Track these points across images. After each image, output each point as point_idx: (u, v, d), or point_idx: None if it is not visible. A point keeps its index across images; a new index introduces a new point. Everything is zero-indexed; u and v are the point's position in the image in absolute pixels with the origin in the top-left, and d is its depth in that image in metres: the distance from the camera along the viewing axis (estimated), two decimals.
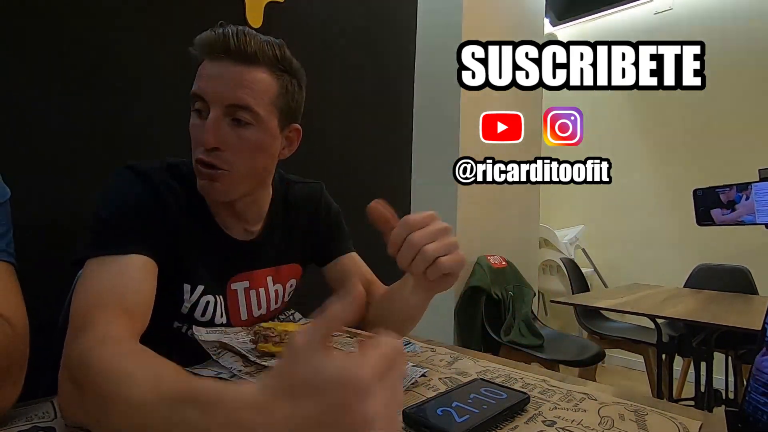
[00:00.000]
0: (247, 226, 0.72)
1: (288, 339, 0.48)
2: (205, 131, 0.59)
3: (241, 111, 0.60)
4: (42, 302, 0.56)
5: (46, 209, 0.90)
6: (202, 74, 0.61)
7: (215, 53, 0.59)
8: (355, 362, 0.26)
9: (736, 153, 2.70)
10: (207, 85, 0.59)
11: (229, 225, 0.70)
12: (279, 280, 0.77)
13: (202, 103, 0.60)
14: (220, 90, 0.59)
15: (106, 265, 0.53)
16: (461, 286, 2.16)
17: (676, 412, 0.49)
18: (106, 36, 1.01)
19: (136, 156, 0.70)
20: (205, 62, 0.61)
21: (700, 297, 1.90)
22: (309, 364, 0.26)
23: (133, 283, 0.53)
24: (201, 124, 0.60)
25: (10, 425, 0.41)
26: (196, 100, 0.61)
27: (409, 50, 2.06)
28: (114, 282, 0.52)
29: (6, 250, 0.47)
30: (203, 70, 0.61)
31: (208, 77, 0.60)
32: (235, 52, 0.59)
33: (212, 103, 0.59)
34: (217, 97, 0.59)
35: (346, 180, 1.62)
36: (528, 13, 2.67)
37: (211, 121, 0.59)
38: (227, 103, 0.59)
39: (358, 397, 0.25)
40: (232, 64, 0.59)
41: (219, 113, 0.59)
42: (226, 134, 0.60)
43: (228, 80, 0.59)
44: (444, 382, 0.56)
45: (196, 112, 0.62)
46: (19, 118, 0.89)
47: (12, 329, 0.42)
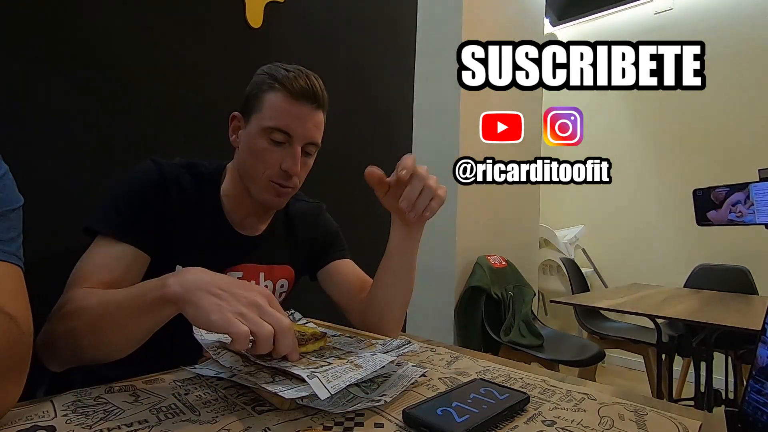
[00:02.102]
0: (256, 224, 0.81)
1: None
2: (294, 162, 0.72)
3: (312, 146, 0.75)
4: (42, 303, 0.57)
5: (48, 211, 0.90)
6: (288, 113, 0.71)
7: (301, 95, 0.71)
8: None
9: (736, 153, 2.71)
10: (295, 125, 0.71)
11: (237, 221, 0.78)
12: (270, 278, 0.82)
13: (285, 136, 0.71)
14: (304, 131, 0.72)
15: (106, 247, 0.65)
16: (461, 286, 2.16)
17: (676, 412, 0.49)
18: (106, 36, 1.01)
19: (138, 158, 0.72)
20: (283, 98, 0.70)
21: (699, 297, 1.90)
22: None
23: (122, 268, 0.65)
24: (278, 151, 0.72)
25: (10, 425, 0.41)
26: (277, 132, 0.71)
27: (409, 50, 2.06)
28: (106, 262, 0.64)
29: (16, 254, 0.49)
30: (289, 110, 0.71)
31: (295, 118, 0.71)
32: (318, 99, 0.72)
33: (296, 140, 0.72)
34: (302, 137, 0.72)
35: (346, 180, 1.62)
36: (528, 13, 2.67)
37: (297, 156, 0.72)
38: (307, 142, 0.73)
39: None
40: (312, 108, 0.72)
41: (299, 147, 0.72)
42: (300, 163, 0.73)
43: (310, 123, 0.73)
44: (444, 382, 0.56)
45: (274, 141, 0.72)
46: (20, 119, 0.89)
47: (18, 329, 0.43)
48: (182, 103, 1.15)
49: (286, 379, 0.48)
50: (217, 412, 0.46)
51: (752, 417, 0.40)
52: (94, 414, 0.44)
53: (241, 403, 0.48)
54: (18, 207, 0.51)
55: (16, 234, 0.50)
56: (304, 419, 0.45)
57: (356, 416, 0.45)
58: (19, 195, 0.52)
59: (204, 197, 0.75)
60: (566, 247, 3.05)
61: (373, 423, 0.44)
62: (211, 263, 0.70)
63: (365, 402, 0.47)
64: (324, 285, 0.89)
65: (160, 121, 1.11)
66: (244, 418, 0.45)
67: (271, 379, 0.49)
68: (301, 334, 0.56)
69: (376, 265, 0.79)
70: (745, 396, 0.41)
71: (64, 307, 0.56)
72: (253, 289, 0.49)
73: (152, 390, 0.51)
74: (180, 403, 0.48)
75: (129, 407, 0.46)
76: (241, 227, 0.79)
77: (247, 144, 0.73)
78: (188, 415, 0.45)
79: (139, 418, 0.44)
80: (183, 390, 0.52)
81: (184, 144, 1.15)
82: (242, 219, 0.79)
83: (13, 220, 0.50)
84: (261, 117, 0.71)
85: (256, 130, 0.72)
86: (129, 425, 0.42)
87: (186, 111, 1.16)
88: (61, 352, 0.54)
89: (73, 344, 0.53)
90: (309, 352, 0.55)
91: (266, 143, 0.71)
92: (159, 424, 0.43)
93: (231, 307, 0.46)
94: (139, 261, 0.67)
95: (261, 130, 0.71)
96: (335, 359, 0.55)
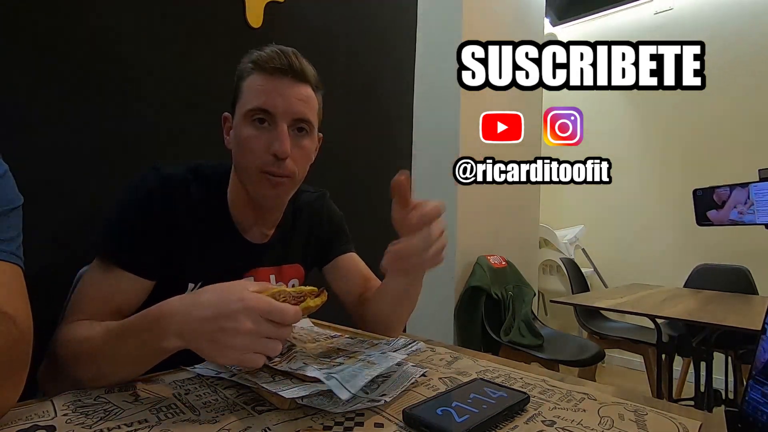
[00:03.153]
0: (264, 230, 0.77)
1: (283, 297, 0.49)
2: (281, 142, 0.64)
3: (302, 123, 0.68)
4: (42, 303, 0.57)
5: (48, 210, 0.90)
6: (264, 90, 0.65)
7: (276, 70, 0.65)
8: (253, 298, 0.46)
9: (736, 153, 2.71)
10: (275, 100, 0.65)
11: (247, 228, 0.75)
12: (281, 278, 0.80)
13: (266, 114, 0.65)
14: (286, 105, 0.65)
15: (107, 273, 0.62)
16: (461, 286, 2.16)
17: (676, 412, 0.49)
18: (106, 36, 1.01)
19: (138, 158, 0.71)
20: (259, 78, 0.65)
21: (699, 297, 1.90)
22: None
23: (120, 296, 0.62)
24: (264, 135, 0.65)
25: (10, 425, 0.41)
26: (256, 114, 0.65)
27: (409, 50, 2.06)
28: (104, 291, 0.62)
29: (16, 253, 0.49)
30: (264, 86, 0.65)
31: (272, 93, 0.65)
32: (295, 71, 0.66)
33: (280, 117, 0.65)
34: (285, 113, 0.65)
35: (346, 180, 1.62)
36: (528, 13, 2.67)
37: (283, 134, 0.65)
38: (294, 117, 0.66)
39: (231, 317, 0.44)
40: (292, 80, 0.66)
41: (285, 126, 0.65)
42: (291, 145, 0.66)
43: (291, 96, 0.66)
44: (444, 381, 0.56)
45: (256, 123, 0.65)
46: (20, 119, 0.89)
47: (17, 329, 0.43)
48: (182, 103, 1.15)
49: (286, 379, 0.48)
50: (217, 412, 0.46)
51: (752, 417, 0.40)
52: (94, 414, 0.45)
53: (241, 403, 0.48)
54: (18, 206, 0.51)
55: (16, 233, 0.50)
56: (304, 419, 0.45)
57: (356, 416, 0.45)
58: (19, 194, 0.52)
59: (212, 205, 0.71)
60: (566, 247, 3.05)
61: (373, 423, 0.44)
62: (223, 276, 0.70)
63: (365, 402, 0.47)
64: (328, 279, 0.88)
65: (160, 121, 1.11)
66: (244, 418, 0.45)
67: (271, 379, 0.49)
68: (297, 292, 0.51)
69: (377, 262, 0.78)
70: (745, 396, 0.41)
71: (63, 345, 0.56)
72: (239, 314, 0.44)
73: (152, 390, 0.51)
74: (180, 403, 0.48)
75: (129, 407, 0.46)
76: (250, 235, 0.75)
77: (235, 138, 0.68)
78: (188, 415, 0.45)
79: (139, 417, 0.44)
80: (183, 390, 0.52)
81: (183, 144, 1.15)
82: (250, 227, 0.75)
83: (12, 219, 0.50)
84: (241, 104, 0.67)
85: (239, 119, 0.67)
86: (129, 425, 0.42)
87: (186, 111, 1.16)
88: (63, 385, 0.52)
89: (74, 379, 0.52)
90: (312, 307, 0.51)
91: (251, 129, 0.66)
92: (159, 423, 0.43)
93: (234, 342, 0.44)
94: (142, 287, 0.64)
95: (243, 117, 0.66)
96: (345, 359, 0.55)
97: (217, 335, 0.44)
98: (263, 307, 0.45)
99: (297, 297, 0.50)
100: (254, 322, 0.44)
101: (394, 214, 0.64)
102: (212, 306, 0.45)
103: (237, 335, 0.44)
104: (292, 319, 0.46)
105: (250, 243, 0.75)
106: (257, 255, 0.76)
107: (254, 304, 0.44)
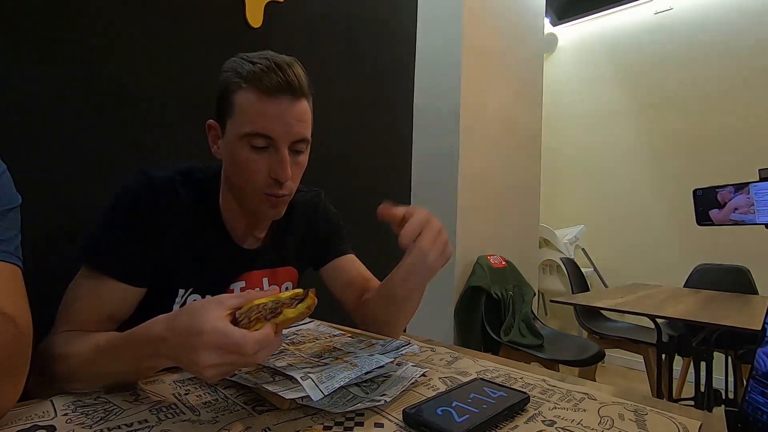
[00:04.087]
0: (257, 234, 0.76)
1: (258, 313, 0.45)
2: (283, 168, 0.63)
3: (301, 143, 0.66)
4: (42, 303, 0.57)
5: (46, 210, 0.90)
6: (261, 113, 0.61)
7: (273, 89, 0.61)
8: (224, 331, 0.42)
9: (736, 153, 2.71)
10: (275, 125, 0.62)
11: (239, 234, 0.73)
12: (274, 281, 0.79)
13: (266, 140, 0.62)
14: (287, 129, 0.62)
15: (95, 281, 0.60)
16: (461, 286, 2.16)
17: (676, 412, 0.49)
18: (106, 36, 1.01)
19: (138, 159, 0.70)
20: (254, 97, 0.61)
21: (699, 297, 1.90)
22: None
23: (109, 306, 0.61)
24: (263, 158, 0.63)
25: (10, 425, 0.41)
26: (256, 137, 0.62)
27: (409, 50, 2.06)
28: (92, 301, 0.60)
29: (14, 253, 0.49)
30: (264, 109, 0.61)
31: (271, 117, 0.61)
32: (293, 88, 0.62)
33: (281, 142, 0.63)
34: (286, 137, 0.63)
35: (346, 180, 1.62)
36: (528, 13, 2.67)
37: (285, 159, 0.63)
38: (293, 140, 0.64)
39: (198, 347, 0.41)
40: (290, 100, 0.62)
41: (286, 150, 0.63)
42: (290, 164, 0.64)
43: (291, 118, 0.63)
44: (444, 381, 0.56)
45: (256, 148, 0.63)
46: (20, 119, 0.89)
47: (17, 329, 0.43)
48: (182, 103, 1.15)
49: (286, 379, 0.48)
50: (217, 412, 0.46)
51: (752, 417, 0.40)
52: (94, 414, 0.45)
53: (241, 403, 0.48)
54: (16, 206, 0.51)
55: (14, 233, 0.50)
56: (304, 419, 0.45)
57: (356, 416, 0.45)
58: (17, 194, 0.52)
59: (202, 208, 0.69)
60: (566, 247, 3.05)
61: (373, 423, 0.44)
62: (214, 281, 0.70)
63: (365, 402, 0.47)
64: (326, 281, 0.86)
65: (160, 122, 1.11)
66: (244, 418, 0.45)
67: (271, 379, 0.49)
68: (275, 302, 0.46)
69: (379, 261, 0.78)
70: (745, 396, 0.41)
71: (50, 359, 0.54)
72: (199, 350, 0.42)
73: (152, 390, 0.51)
74: (180, 403, 0.48)
75: (129, 407, 0.46)
76: (242, 240, 0.74)
77: (230, 155, 0.65)
78: (188, 415, 0.45)
79: (139, 418, 0.44)
80: (183, 390, 0.52)
81: (183, 145, 1.15)
82: (243, 232, 0.73)
83: (10, 219, 0.50)
84: (236, 123, 0.63)
85: (234, 138, 0.63)
86: (129, 425, 0.42)
87: (186, 111, 1.15)
88: (50, 392, 0.51)
89: (65, 386, 0.52)
90: (292, 317, 0.45)
91: (248, 152, 0.63)
92: (159, 424, 0.43)
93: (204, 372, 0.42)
94: (131, 295, 0.63)
95: (239, 138, 0.62)
96: (332, 360, 0.55)
97: (189, 363, 0.43)
98: (221, 342, 0.41)
99: (274, 309, 0.45)
100: (218, 356, 0.41)
101: (395, 231, 0.63)
102: (181, 336, 0.43)
103: (204, 368, 0.42)
104: (251, 350, 0.41)
105: (242, 248, 0.73)
106: (249, 259, 0.75)
107: (212, 339, 0.41)
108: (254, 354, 0.42)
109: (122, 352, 0.50)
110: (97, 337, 0.53)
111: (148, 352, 0.47)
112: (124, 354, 0.50)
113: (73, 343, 0.54)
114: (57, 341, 0.56)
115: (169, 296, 0.67)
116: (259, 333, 0.42)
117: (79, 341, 0.54)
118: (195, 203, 0.68)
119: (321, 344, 0.65)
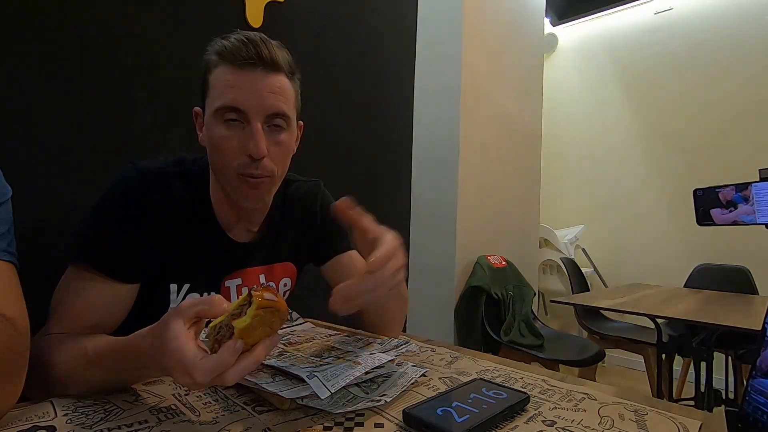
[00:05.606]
0: (249, 227, 0.73)
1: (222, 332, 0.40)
2: (256, 142, 0.59)
3: (278, 118, 0.62)
4: (41, 302, 0.57)
5: (46, 208, 0.90)
6: (232, 85, 0.59)
7: (245, 62, 0.59)
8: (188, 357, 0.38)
9: (736, 153, 2.71)
10: (245, 96, 0.59)
11: (232, 226, 0.71)
12: (271, 278, 0.77)
13: (239, 113, 0.60)
14: (259, 101, 0.60)
15: (82, 280, 0.58)
16: (461, 286, 2.16)
17: (676, 412, 0.49)
18: (105, 35, 1.01)
19: (138, 158, 0.70)
20: (226, 71, 0.59)
21: (699, 297, 1.90)
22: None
23: (101, 304, 0.59)
24: (238, 135, 0.60)
25: (10, 425, 0.41)
26: (227, 111, 0.60)
27: (409, 50, 2.06)
28: (82, 301, 0.58)
29: (7, 249, 0.47)
30: (233, 81, 0.59)
31: (242, 88, 0.59)
32: (265, 61, 0.60)
33: (253, 115, 0.60)
34: (258, 109, 0.60)
35: (346, 180, 1.62)
36: (528, 13, 2.67)
37: (257, 132, 0.60)
38: (268, 113, 0.61)
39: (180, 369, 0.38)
40: (263, 73, 0.60)
41: (260, 123, 0.60)
42: (268, 143, 0.61)
43: (264, 90, 0.60)
44: (444, 381, 0.56)
45: (228, 123, 0.60)
46: (19, 117, 0.89)
47: (14, 329, 0.43)
48: (182, 103, 1.15)
49: (286, 379, 0.48)
50: (217, 412, 0.46)
51: (752, 417, 0.40)
52: (94, 414, 0.45)
53: (241, 404, 0.48)
54: (6, 200, 0.48)
55: (6, 228, 0.47)
56: (304, 419, 0.45)
57: (356, 416, 0.45)
58: (7, 186, 0.49)
59: (194, 201, 0.67)
60: (566, 247, 3.05)
61: (373, 423, 0.44)
62: (207, 277, 0.69)
63: (365, 402, 0.47)
64: (326, 278, 0.84)
65: (160, 121, 1.11)
66: (244, 419, 0.45)
67: (271, 379, 0.49)
68: (229, 317, 0.40)
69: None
70: (746, 396, 0.41)
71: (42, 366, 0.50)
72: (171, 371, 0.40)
73: (152, 390, 0.51)
74: (180, 403, 0.48)
75: (129, 407, 0.46)
76: (234, 233, 0.71)
77: (208, 137, 0.63)
78: (188, 416, 0.45)
79: (140, 418, 0.44)
80: (183, 390, 0.52)
81: (183, 145, 1.15)
82: (234, 224, 0.71)
83: (1, 213, 0.47)
84: (210, 100, 0.61)
85: (210, 117, 0.61)
86: (129, 425, 0.42)
87: (185, 111, 1.15)
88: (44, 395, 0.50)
89: (55, 392, 0.50)
90: (243, 327, 0.39)
91: (222, 129, 0.60)
92: (159, 424, 0.43)
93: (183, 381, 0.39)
94: (122, 295, 0.61)
95: (213, 115, 0.60)
96: (334, 359, 0.55)
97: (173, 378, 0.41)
98: (178, 363, 0.39)
99: (229, 325, 0.40)
100: (188, 375, 0.38)
101: (355, 239, 0.58)
102: (157, 353, 0.41)
103: (183, 384, 0.40)
104: (201, 379, 0.38)
105: (235, 242, 0.71)
106: (244, 255, 0.72)
107: (173, 360, 0.39)
108: (208, 381, 0.38)
109: (110, 364, 0.49)
110: (85, 345, 0.51)
111: (134, 365, 0.47)
112: (113, 366, 0.48)
113: (61, 350, 0.51)
114: (44, 346, 0.53)
115: (160, 292, 0.65)
116: (211, 362, 0.38)
117: (65, 348, 0.52)
118: (186, 194, 0.66)
119: (319, 344, 0.65)
